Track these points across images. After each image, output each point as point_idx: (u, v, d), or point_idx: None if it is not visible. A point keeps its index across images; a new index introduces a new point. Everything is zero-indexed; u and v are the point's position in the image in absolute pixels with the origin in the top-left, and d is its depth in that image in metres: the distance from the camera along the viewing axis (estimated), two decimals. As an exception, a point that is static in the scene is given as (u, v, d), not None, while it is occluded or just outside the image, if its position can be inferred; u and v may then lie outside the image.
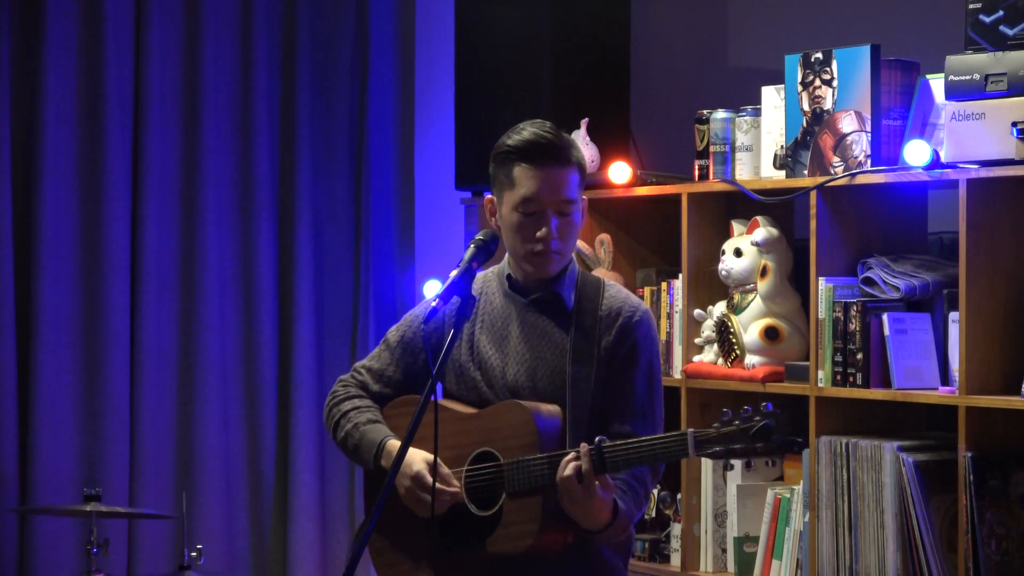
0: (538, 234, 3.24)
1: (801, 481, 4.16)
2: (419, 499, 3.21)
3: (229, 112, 5.28)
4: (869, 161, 4.04)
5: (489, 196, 3.35)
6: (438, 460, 3.18)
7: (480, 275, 3.39)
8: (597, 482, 3.10)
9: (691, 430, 3.04)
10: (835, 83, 4.11)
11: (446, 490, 3.20)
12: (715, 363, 4.41)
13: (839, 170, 4.10)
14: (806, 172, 4.18)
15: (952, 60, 3.78)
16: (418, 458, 3.21)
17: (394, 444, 3.27)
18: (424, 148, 5.59)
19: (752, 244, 4.32)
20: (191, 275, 5.20)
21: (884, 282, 4.04)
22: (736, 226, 4.41)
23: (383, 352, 3.45)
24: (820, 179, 4.11)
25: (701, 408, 4.45)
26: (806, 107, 4.18)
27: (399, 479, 3.22)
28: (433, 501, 3.16)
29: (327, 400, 3.46)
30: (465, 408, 3.32)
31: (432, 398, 3.05)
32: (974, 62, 3.74)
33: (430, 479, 3.18)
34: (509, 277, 3.36)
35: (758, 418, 3.01)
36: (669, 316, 4.57)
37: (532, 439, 3.17)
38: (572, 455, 3.11)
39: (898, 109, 4.06)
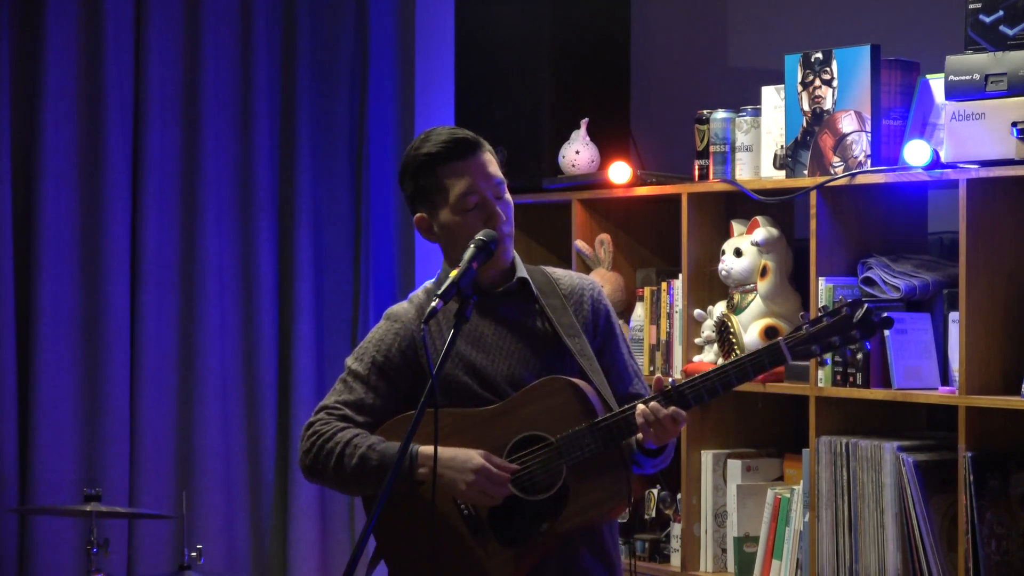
0: (489, 222, 3.24)
1: (801, 481, 4.16)
2: (484, 492, 3.16)
3: (229, 112, 5.27)
4: (869, 161, 4.04)
5: (419, 214, 3.30)
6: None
7: (420, 292, 3.37)
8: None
9: (781, 339, 3.13)
10: (835, 83, 4.11)
11: (505, 476, 3.16)
12: (715, 363, 4.41)
13: (839, 170, 4.10)
14: (806, 172, 4.18)
15: (952, 60, 3.78)
16: (473, 452, 3.17)
17: (427, 449, 3.16)
18: (424, 148, 5.57)
19: (752, 244, 4.32)
20: (191, 275, 5.19)
21: (884, 282, 4.03)
22: (736, 226, 4.41)
23: (353, 384, 3.30)
24: (820, 179, 4.10)
25: (700, 408, 4.44)
26: (806, 107, 4.18)
27: (460, 477, 3.16)
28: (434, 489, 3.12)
29: (310, 443, 3.26)
30: (473, 409, 3.26)
31: (432, 393, 3.02)
32: (974, 62, 3.74)
33: (493, 468, 3.15)
34: None
35: (847, 309, 3.11)
36: (669, 316, 4.56)
37: (587, 407, 3.17)
38: (645, 402, 3.13)
39: (898, 109, 4.06)
